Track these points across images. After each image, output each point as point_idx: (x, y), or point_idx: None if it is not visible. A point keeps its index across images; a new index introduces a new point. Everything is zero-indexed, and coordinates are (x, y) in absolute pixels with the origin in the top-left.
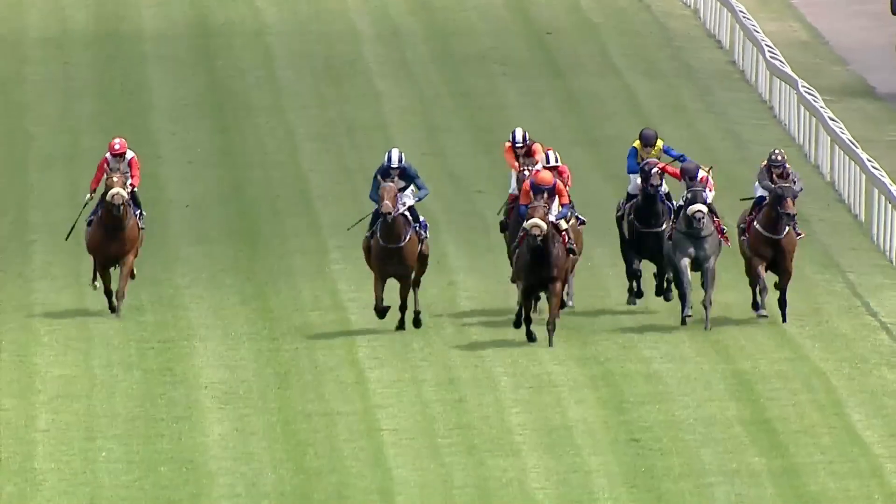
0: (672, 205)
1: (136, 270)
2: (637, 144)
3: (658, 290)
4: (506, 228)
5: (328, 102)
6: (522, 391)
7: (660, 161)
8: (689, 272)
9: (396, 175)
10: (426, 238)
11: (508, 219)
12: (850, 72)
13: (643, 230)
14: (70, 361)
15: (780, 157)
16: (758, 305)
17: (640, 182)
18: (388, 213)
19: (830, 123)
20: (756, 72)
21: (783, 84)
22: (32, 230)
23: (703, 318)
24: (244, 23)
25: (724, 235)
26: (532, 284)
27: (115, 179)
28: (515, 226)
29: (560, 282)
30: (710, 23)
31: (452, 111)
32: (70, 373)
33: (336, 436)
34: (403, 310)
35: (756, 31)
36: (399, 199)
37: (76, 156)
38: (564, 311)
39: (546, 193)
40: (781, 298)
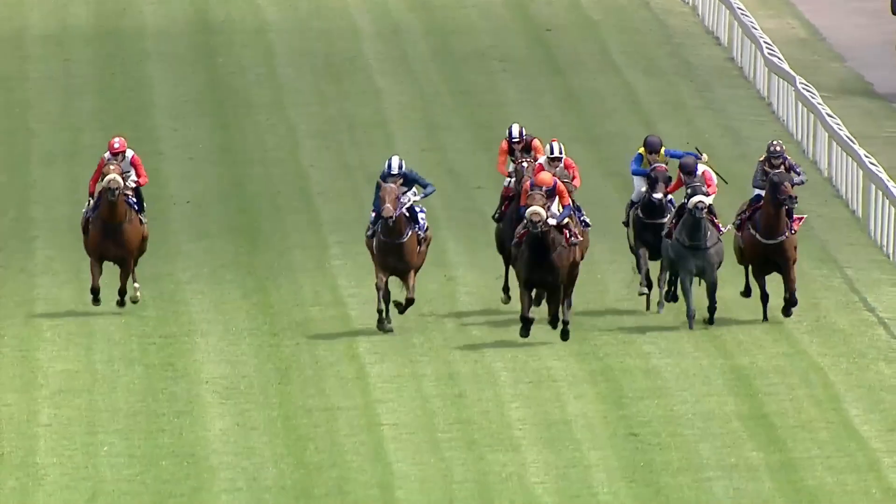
0: (674, 205)
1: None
2: (642, 151)
3: (667, 296)
4: (499, 220)
5: (328, 99)
6: (522, 386)
7: (667, 166)
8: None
9: (397, 182)
10: (424, 240)
11: (503, 212)
12: (848, 68)
13: (647, 221)
14: (72, 357)
15: (780, 149)
16: (750, 292)
17: (646, 188)
18: (390, 217)
19: (828, 120)
20: (754, 68)
21: (781, 81)
22: (34, 226)
23: (706, 318)
24: (244, 20)
25: (720, 231)
26: (532, 280)
27: (112, 167)
28: (509, 224)
29: (561, 281)
30: (709, 20)
31: (452, 108)
32: (72, 368)
33: (336, 430)
34: (406, 303)
35: (754, 28)
36: (400, 201)
37: (77, 152)
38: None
39: (545, 194)
40: (791, 298)
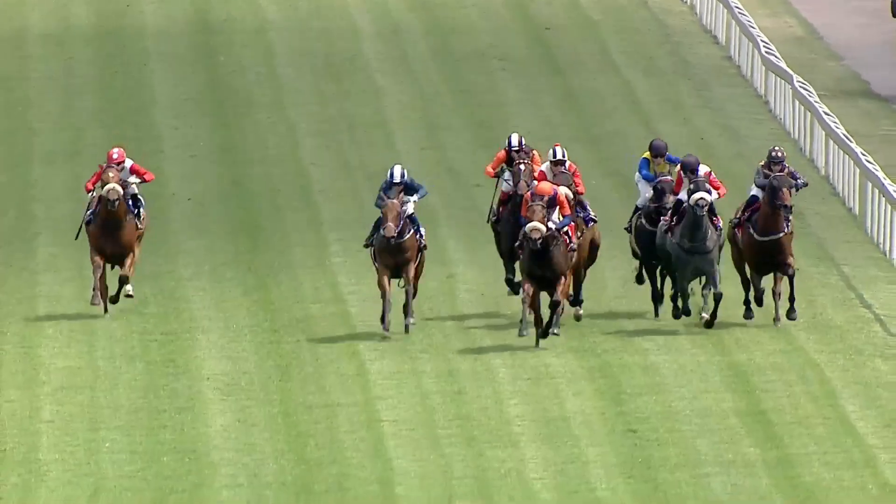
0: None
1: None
2: (647, 155)
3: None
4: (496, 223)
5: (328, 99)
6: (521, 383)
7: (668, 175)
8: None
9: (400, 191)
10: (425, 245)
11: (500, 215)
12: (845, 67)
13: (650, 229)
14: (74, 353)
15: (781, 154)
16: (750, 304)
17: (651, 198)
18: (392, 237)
19: (825, 118)
20: (752, 67)
21: (778, 79)
22: (36, 224)
23: (707, 315)
24: (245, 20)
25: (719, 231)
26: (534, 275)
27: (111, 175)
28: (507, 225)
29: (563, 285)
30: (707, 19)
31: (452, 108)
32: (74, 364)
33: (337, 427)
34: (406, 313)
35: (752, 27)
36: (402, 217)
37: (78, 151)
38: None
39: (545, 204)
40: (790, 296)
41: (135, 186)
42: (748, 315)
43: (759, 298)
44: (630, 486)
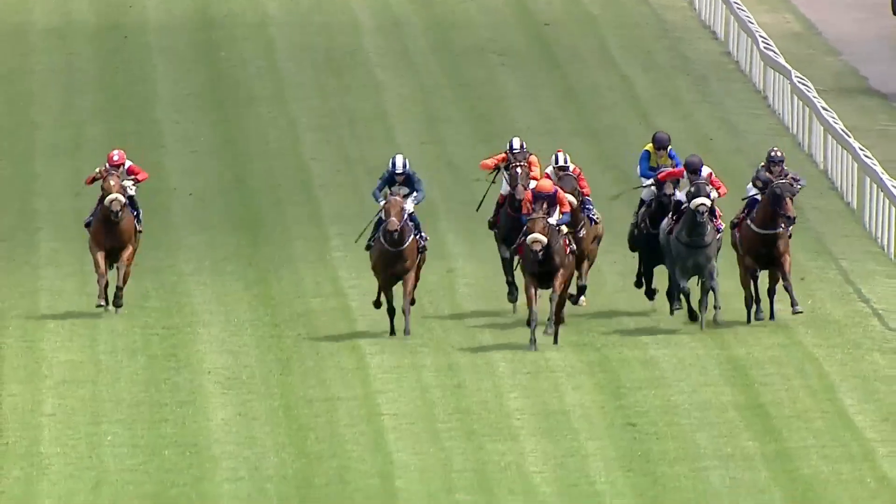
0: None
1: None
2: (650, 148)
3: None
4: (494, 226)
5: (329, 93)
6: (520, 376)
7: (669, 168)
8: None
9: (401, 181)
10: (425, 246)
11: (497, 218)
12: (843, 62)
13: (655, 231)
14: (76, 347)
15: (780, 155)
16: (751, 303)
17: (655, 190)
18: (395, 231)
19: (823, 113)
20: (750, 63)
21: (777, 74)
22: (38, 219)
23: (711, 318)
24: (246, 14)
25: (720, 231)
26: (534, 273)
27: (112, 184)
28: (504, 229)
29: (562, 277)
30: (706, 14)
31: (452, 102)
32: (76, 358)
33: (337, 420)
34: (407, 313)
35: (750, 23)
36: (404, 213)
37: (81, 146)
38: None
39: (546, 203)
40: (787, 288)
41: (132, 189)
42: (757, 316)
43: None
44: (629, 480)
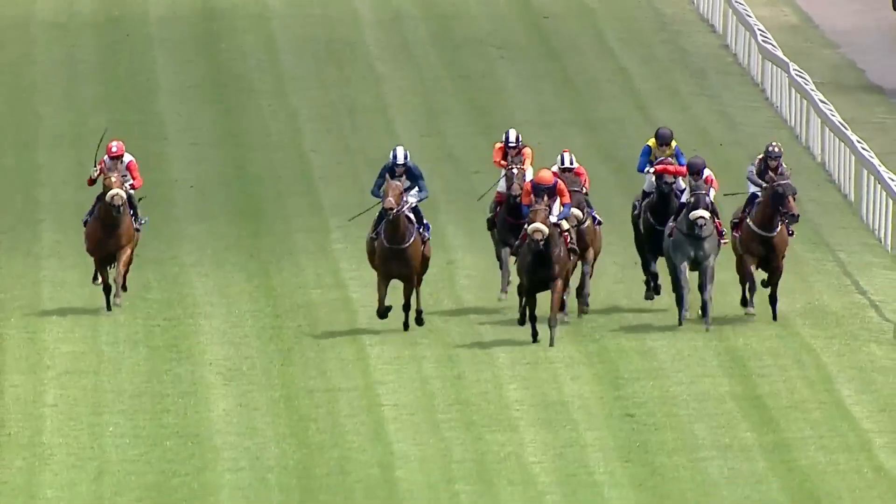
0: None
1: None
2: (652, 143)
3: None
4: (493, 226)
5: (329, 85)
6: (520, 367)
7: (674, 162)
8: (688, 273)
9: (402, 172)
10: (428, 239)
11: (495, 216)
12: (841, 55)
13: (658, 227)
14: (78, 338)
15: (778, 150)
16: (746, 302)
17: (654, 181)
18: (391, 209)
19: (821, 105)
20: (748, 55)
21: (775, 67)
22: (41, 209)
23: (703, 317)
24: (247, 6)
25: (723, 236)
26: (533, 283)
27: (114, 180)
28: (502, 231)
29: (561, 280)
30: (704, 7)
31: (451, 93)
32: (78, 349)
33: (338, 411)
34: (407, 310)
35: (748, 16)
36: (404, 199)
37: (83, 136)
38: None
39: (546, 194)
40: (772, 295)
41: (129, 186)
42: (747, 306)
43: (752, 286)
44: (628, 470)
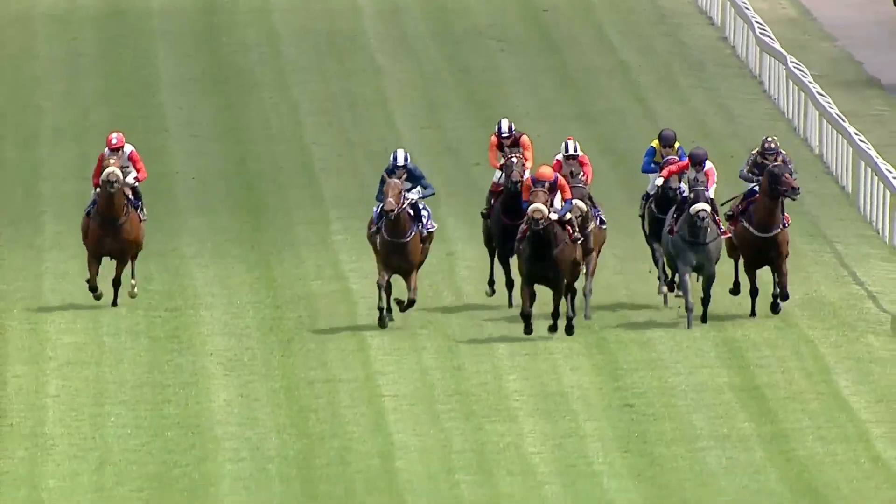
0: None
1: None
2: (656, 144)
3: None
4: (487, 217)
5: (330, 78)
6: (519, 358)
7: (677, 159)
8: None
9: (402, 175)
10: (432, 231)
11: (491, 211)
12: (838, 48)
13: (660, 216)
14: (79, 329)
15: (774, 145)
16: (739, 288)
17: (659, 184)
18: (392, 210)
19: (819, 98)
20: (746, 48)
21: (773, 60)
22: (43, 202)
23: (699, 314)
24: (248, 0)
25: (725, 231)
26: (532, 273)
27: (112, 161)
28: (497, 220)
29: (563, 277)
30: (702, 0)
31: (451, 86)
32: (79, 340)
33: (338, 402)
34: (408, 303)
35: (746, 9)
36: (403, 196)
37: (85, 129)
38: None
39: (547, 189)
40: (782, 294)
41: (133, 178)
42: (736, 291)
43: (754, 288)
44: (626, 460)
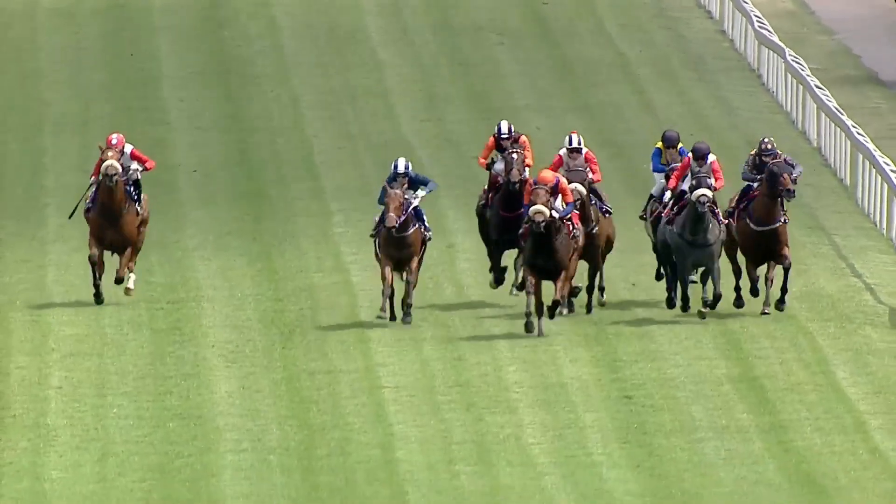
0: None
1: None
2: (660, 145)
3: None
4: (484, 207)
5: (331, 71)
6: (519, 350)
7: (679, 163)
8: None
9: (403, 183)
10: (429, 236)
11: (488, 202)
12: (837, 41)
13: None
14: (82, 321)
15: (771, 146)
16: (740, 291)
17: (664, 185)
18: (393, 227)
19: (817, 91)
20: (745, 42)
21: (771, 53)
22: (46, 194)
23: (704, 308)
24: None
25: (719, 219)
26: (537, 266)
27: (110, 154)
28: (495, 217)
29: (564, 271)
30: None
31: (451, 79)
32: (82, 332)
33: (339, 393)
34: (408, 293)
35: (745, 2)
36: (405, 206)
37: (88, 122)
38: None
39: (549, 190)
40: (783, 287)
41: (137, 173)
42: (739, 303)
43: (755, 288)
44: (625, 451)
